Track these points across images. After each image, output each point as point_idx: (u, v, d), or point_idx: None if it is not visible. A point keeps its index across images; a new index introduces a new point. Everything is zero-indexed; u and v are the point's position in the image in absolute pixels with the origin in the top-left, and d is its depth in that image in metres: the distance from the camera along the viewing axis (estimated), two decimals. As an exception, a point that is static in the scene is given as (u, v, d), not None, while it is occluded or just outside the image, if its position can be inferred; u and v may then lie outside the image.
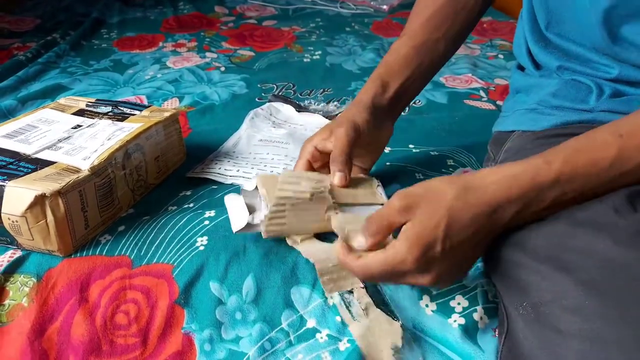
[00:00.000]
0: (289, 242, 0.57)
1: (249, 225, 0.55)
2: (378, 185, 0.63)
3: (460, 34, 0.73)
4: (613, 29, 0.54)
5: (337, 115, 0.95)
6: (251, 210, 0.58)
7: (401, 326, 0.52)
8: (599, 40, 0.55)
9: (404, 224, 0.46)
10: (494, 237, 0.49)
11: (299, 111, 0.96)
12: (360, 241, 0.50)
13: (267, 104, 0.99)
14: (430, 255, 0.45)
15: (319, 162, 0.63)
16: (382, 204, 0.59)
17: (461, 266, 0.49)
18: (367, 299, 0.53)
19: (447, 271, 0.47)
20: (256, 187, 0.59)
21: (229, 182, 0.72)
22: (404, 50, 0.69)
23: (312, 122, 0.93)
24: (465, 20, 0.71)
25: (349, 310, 0.53)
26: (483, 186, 0.46)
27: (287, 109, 0.97)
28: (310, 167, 0.63)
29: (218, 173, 0.74)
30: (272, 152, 0.80)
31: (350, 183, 0.60)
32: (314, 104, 1.03)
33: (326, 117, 0.94)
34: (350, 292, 0.54)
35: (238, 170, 0.74)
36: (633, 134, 0.45)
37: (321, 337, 0.52)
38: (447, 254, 0.45)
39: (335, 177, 0.58)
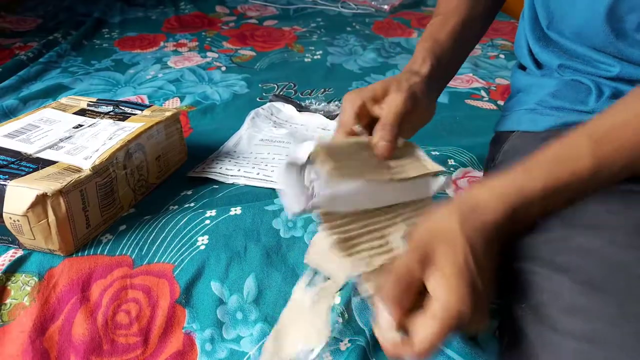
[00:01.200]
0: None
1: (304, 210, 0.47)
2: (418, 150, 0.57)
3: (490, 14, 0.74)
4: (616, 25, 0.54)
5: (338, 115, 0.94)
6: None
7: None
8: (602, 37, 0.55)
9: (424, 277, 0.42)
10: None
11: (299, 111, 0.96)
12: (386, 319, 0.41)
13: (268, 103, 0.99)
14: (473, 291, 0.41)
15: (362, 121, 0.57)
16: (436, 172, 0.53)
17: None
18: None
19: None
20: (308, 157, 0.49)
21: (230, 181, 0.72)
22: (450, 25, 0.67)
23: (313, 122, 0.93)
24: (493, 2, 0.73)
25: None
26: (479, 205, 0.45)
27: (288, 109, 0.97)
28: (357, 121, 0.56)
29: (219, 173, 0.74)
30: (273, 151, 0.80)
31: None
32: (315, 103, 1.03)
33: (327, 117, 0.94)
34: None
35: (239, 170, 0.74)
36: (606, 139, 0.45)
37: (322, 338, 0.52)
38: (486, 281, 0.42)
39: (380, 146, 0.53)
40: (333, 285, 0.48)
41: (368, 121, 0.57)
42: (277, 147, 0.82)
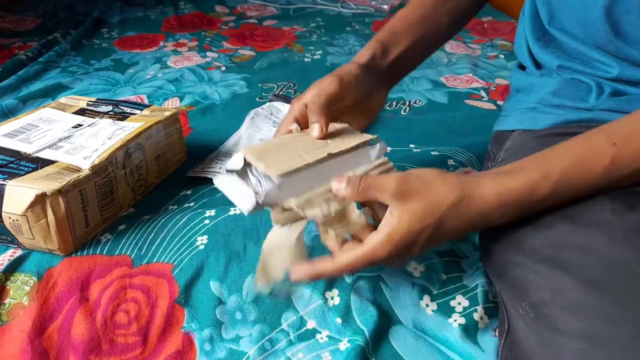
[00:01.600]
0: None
1: (258, 205, 0.49)
2: (352, 129, 0.58)
3: (464, 14, 0.73)
4: (614, 24, 0.54)
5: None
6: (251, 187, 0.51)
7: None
8: (601, 36, 0.55)
9: (389, 204, 0.46)
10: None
11: None
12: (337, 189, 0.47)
13: (268, 103, 0.99)
14: (405, 252, 0.46)
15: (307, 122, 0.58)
16: (369, 140, 0.55)
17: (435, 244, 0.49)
18: None
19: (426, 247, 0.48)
20: (245, 162, 0.51)
21: None
22: (409, 18, 0.68)
23: None
24: (470, 1, 0.72)
25: None
26: (479, 197, 0.47)
27: (287, 109, 0.97)
28: (290, 124, 0.58)
29: (218, 172, 0.74)
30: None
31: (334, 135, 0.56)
32: None
33: None
34: None
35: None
36: (627, 142, 0.46)
37: (321, 338, 0.52)
38: (422, 251, 0.47)
39: (312, 128, 0.54)
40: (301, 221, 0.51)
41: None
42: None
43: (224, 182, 0.50)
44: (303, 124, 0.58)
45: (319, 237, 0.53)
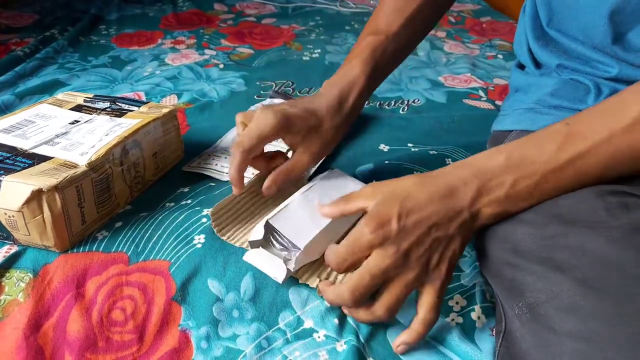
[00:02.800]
0: None
1: (289, 272, 0.53)
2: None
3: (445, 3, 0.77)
4: (617, 28, 0.54)
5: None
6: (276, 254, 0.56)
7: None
8: (601, 39, 0.55)
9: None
10: (468, 230, 0.50)
11: None
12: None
13: (268, 99, 0.99)
14: (386, 230, 0.46)
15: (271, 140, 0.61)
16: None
17: (440, 257, 0.48)
18: None
19: (428, 263, 0.48)
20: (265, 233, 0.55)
21: (224, 179, 0.72)
22: (399, 8, 0.70)
23: None
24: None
25: None
26: (441, 173, 0.50)
27: None
28: (262, 147, 0.61)
29: (214, 169, 0.74)
30: (269, 148, 0.80)
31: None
32: None
33: None
34: None
35: (223, 166, 0.74)
36: (579, 120, 0.48)
37: (318, 337, 0.52)
38: (403, 232, 0.47)
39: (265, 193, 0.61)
40: None
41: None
42: (273, 146, 0.81)
43: (253, 257, 0.55)
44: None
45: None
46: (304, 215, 0.56)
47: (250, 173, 0.69)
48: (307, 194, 0.59)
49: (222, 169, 0.74)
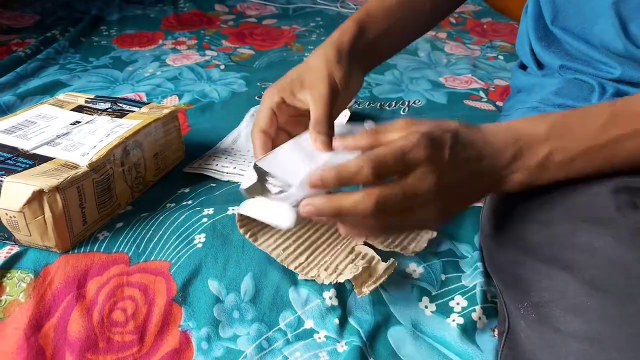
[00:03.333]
0: None
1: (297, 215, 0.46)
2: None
3: (445, 4, 0.73)
4: (623, 23, 0.54)
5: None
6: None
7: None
8: (607, 36, 0.55)
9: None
10: (491, 189, 0.50)
11: None
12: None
13: None
14: (440, 155, 0.43)
15: (284, 115, 0.58)
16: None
17: (459, 201, 0.47)
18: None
19: (449, 203, 0.46)
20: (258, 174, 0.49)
21: (225, 179, 0.72)
22: (387, 1, 0.67)
23: None
24: None
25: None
26: (483, 127, 0.48)
27: None
28: (275, 118, 0.57)
29: (215, 170, 0.74)
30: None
31: None
32: None
33: None
34: None
35: (235, 168, 0.74)
36: (627, 103, 0.47)
37: (319, 338, 0.52)
38: (454, 165, 0.44)
39: (320, 142, 0.52)
40: None
41: (292, 114, 0.58)
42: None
43: (251, 208, 0.49)
44: (284, 118, 0.58)
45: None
46: (297, 155, 0.51)
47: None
48: (298, 139, 0.55)
49: (223, 169, 0.74)
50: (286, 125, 0.59)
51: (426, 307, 0.54)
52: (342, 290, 0.54)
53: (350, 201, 0.42)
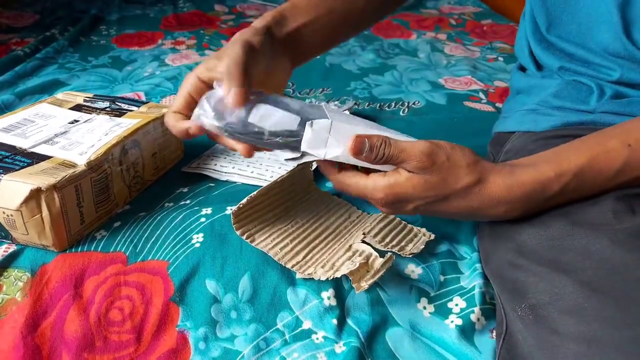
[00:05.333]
0: None
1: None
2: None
3: None
4: (626, 25, 0.53)
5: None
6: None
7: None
8: (606, 39, 0.55)
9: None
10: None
11: None
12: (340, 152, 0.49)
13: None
14: (396, 204, 0.49)
15: (200, 94, 0.55)
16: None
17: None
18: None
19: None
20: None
21: (224, 178, 0.72)
22: None
23: None
24: None
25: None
26: (491, 185, 0.48)
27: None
28: (193, 102, 0.55)
29: (213, 169, 0.74)
30: None
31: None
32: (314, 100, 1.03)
33: None
34: None
35: (234, 167, 0.74)
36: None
37: (317, 338, 0.51)
38: (413, 212, 0.50)
39: (232, 94, 0.49)
40: None
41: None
42: None
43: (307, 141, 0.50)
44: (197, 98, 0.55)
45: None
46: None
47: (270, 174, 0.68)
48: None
49: (222, 168, 0.74)
50: None
51: (424, 308, 0.54)
52: (340, 291, 0.54)
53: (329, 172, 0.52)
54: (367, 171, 0.50)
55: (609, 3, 0.53)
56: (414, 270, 0.57)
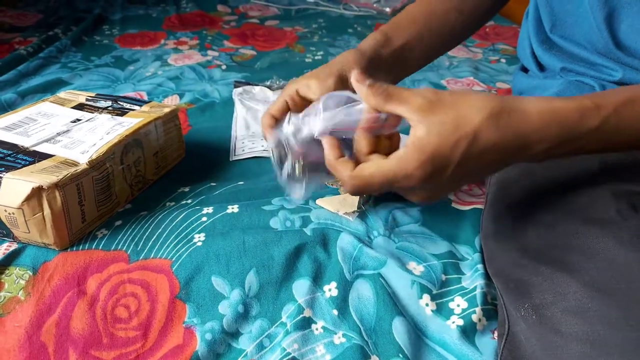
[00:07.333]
0: None
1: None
2: None
3: (473, 12, 0.71)
4: (614, 34, 0.54)
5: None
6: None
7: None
8: (602, 45, 0.55)
9: (414, 122, 0.40)
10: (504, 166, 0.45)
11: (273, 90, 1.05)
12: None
13: (239, 89, 1.04)
14: (438, 177, 0.40)
15: (298, 109, 0.57)
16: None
17: (457, 187, 0.47)
18: None
19: (442, 192, 0.45)
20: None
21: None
22: (413, 12, 0.68)
23: None
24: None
25: None
26: (521, 112, 0.40)
27: (260, 89, 1.04)
28: (287, 109, 0.58)
29: (264, 150, 0.81)
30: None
31: None
32: (277, 83, 1.09)
33: None
34: None
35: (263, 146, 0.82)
36: (598, 95, 0.43)
37: (316, 329, 0.51)
38: (454, 179, 0.41)
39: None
40: None
41: (305, 106, 0.56)
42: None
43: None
44: (299, 109, 0.57)
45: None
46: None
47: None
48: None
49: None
50: None
51: (427, 304, 0.53)
52: (342, 283, 0.54)
53: (342, 173, 0.45)
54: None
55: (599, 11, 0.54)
56: (415, 267, 0.57)
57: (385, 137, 0.47)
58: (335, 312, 0.52)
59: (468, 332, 0.52)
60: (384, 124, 0.45)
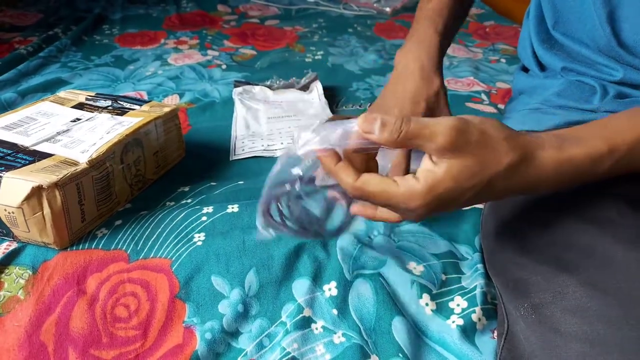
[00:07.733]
0: None
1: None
2: None
3: None
4: (616, 32, 0.54)
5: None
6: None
7: None
8: (604, 43, 0.55)
9: (434, 154, 0.40)
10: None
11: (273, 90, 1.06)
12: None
13: (239, 88, 1.04)
14: (438, 209, 0.40)
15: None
16: None
17: (456, 206, 0.43)
18: None
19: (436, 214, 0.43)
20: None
21: (277, 155, 0.79)
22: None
23: (291, 97, 1.03)
24: None
25: None
26: (538, 163, 0.41)
27: (260, 89, 1.05)
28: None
29: (265, 150, 0.81)
30: (286, 125, 0.91)
31: None
32: (277, 82, 1.10)
33: (302, 91, 1.05)
34: None
35: (282, 143, 0.84)
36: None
37: (316, 328, 0.51)
38: (453, 208, 0.42)
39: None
40: None
41: None
42: (288, 121, 0.93)
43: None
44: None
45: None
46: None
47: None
48: None
49: (270, 147, 0.81)
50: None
51: (427, 304, 0.54)
52: (342, 283, 0.54)
53: (344, 180, 0.42)
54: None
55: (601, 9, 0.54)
56: (415, 267, 0.57)
57: None
58: (335, 311, 0.52)
59: (468, 331, 0.52)
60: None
